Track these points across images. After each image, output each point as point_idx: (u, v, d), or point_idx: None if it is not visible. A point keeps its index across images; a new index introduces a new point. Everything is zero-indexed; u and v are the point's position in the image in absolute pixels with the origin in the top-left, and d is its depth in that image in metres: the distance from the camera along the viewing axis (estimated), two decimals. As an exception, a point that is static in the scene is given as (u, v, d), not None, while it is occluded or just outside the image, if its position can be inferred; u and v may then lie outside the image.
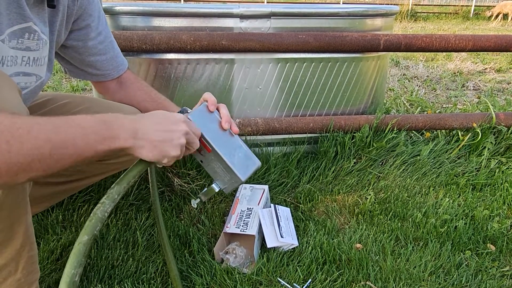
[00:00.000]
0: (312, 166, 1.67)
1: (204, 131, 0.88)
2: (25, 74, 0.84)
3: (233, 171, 0.91)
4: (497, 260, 1.21)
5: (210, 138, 0.89)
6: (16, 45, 0.78)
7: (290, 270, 1.10)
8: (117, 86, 1.14)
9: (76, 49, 1.01)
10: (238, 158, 0.94)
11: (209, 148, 0.90)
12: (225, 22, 1.57)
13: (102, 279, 1.06)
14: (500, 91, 3.55)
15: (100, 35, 1.03)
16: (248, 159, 0.96)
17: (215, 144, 0.90)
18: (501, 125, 1.88)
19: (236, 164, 0.92)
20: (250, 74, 1.63)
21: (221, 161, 0.91)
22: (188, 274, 1.09)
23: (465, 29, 8.88)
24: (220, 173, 0.94)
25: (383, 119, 1.76)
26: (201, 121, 0.90)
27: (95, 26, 1.00)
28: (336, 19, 1.66)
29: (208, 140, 0.89)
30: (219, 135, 0.92)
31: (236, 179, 0.92)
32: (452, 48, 1.71)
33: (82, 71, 1.07)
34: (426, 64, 4.49)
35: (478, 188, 1.63)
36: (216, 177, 0.96)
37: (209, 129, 0.90)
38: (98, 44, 1.03)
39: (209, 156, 0.92)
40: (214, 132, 0.91)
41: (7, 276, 0.75)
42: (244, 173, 0.93)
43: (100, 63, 1.06)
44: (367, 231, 1.30)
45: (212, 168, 0.95)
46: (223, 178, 0.94)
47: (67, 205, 1.35)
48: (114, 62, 1.09)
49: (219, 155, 0.90)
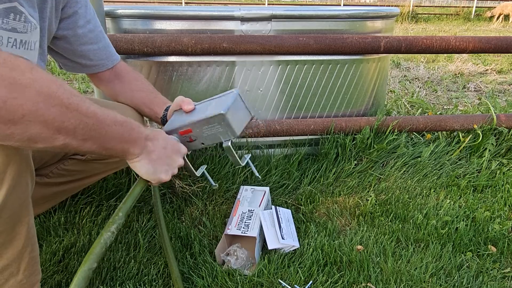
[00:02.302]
0: (313, 168, 1.68)
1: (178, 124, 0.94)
2: None
3: (211, 117, 0.89)
4: (498, 261, 1.21)
5: (183, 122, 0.94)
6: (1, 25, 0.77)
7: (291, 271, 1.10)
8: (113, 77, 1.14)
9: (67, 39, 1.00)
10: (212, 106, 0.93)
11: (188, 128, 0.93)
12: (226, 25, 1.58)
13: (104, 280, 1.07)
14: (501, 92, 3.55)
15: (89, 23, 1.02)
16: (222, 98, 0.94)
17: (187, 121, 0.93)
18: (502, 126, 1.88)
19: (210, 111, 0.91)
20: (251, 76, 1.64)
21: (200, 124, 0.91)
22: (189, 275, 1.10)
23: (466, 30, 8.88)
24: (214, 132, 0.93)
25: (384, 121, 1.77)
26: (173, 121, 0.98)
27: (82, 13, 1.00)
28: (337, 22, 1.67)
29: (183, 124, 0.93)
30: (189, 115, 0.96)
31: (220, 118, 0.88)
32: (452, 50, 1.71)
33: (76, 64, 1.07)
34: (427, 66, 4.49)
35: (479, 189, 1.63)
36: (219, 138, 0.94)
37: (180, 121, 0.95)
38: (88, 32, 1.02)
39: (196, 134, 0.94)
40: (184, 117, 0.96)
41: (9, 277, 0.76)
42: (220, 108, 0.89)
43: (92, 53, 1.05)
44: (368, 232, 1.30)
45: (209, 137, 0.94)
46: (218, 131, 0.92)
47: (69, 207, 1.35)
48: (107, 52, 1.09)
49: (195, 122, 0.91)
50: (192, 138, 0.95)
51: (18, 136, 0.58)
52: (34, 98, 0.56)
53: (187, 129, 0.93)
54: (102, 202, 1.39)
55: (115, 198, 1.41)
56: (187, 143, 0.96)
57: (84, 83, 3.41)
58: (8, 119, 0.55)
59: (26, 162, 0.70)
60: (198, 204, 1.44)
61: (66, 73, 3.68)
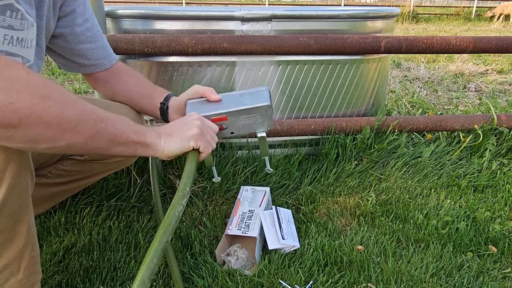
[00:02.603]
0: (314, 168, 1.68)
1: (208, 112, 0.94)
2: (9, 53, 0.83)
3: (255, 107, 0.94)
4: (499, 261, 1.21)
5: (216, 110, 0.94)
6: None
7: (292, 272, 1.10)
8: (110, 77, 1.14)
9: (64, 37, 1.00)
10: (248, 98, 0.96)
11: (224, 116, 0.94)
12: (226, 25, 1.58)
13: (105, 281, 1.07)
14: (501, 92, 3.55)
15: (87, 22, 1.02)
16: (256, 92, 0.98)
17: (224, 109, 0.94)
18: (502, 126, 1.88)
19: (251, 102, 0.95)
20: (251, 76, 1.64)
21: (240, 113, 0.94)
22: (190, 276, 1.10)
23: (466, 30, 8.88)
24: (251, 122, 0.97)
25: (384, 121, 1.77)
26: (198, 108, 0.96)
27: (80, 11, 1.00)
28: (337, 22, 1.67)
29: (217, 112, 0.93)
30: (221, 104, 0.97)
31: (263, 109, 0.94)
32: (453, 50, 1.71)
33: (74, 63, 1.06)
34: (428, 66, 4.49)
35: (479, 189, 1.63)
36: (253, 128, 0.98)
37: (209, 108, 0.95)
38: (86, 30, 1.02)
39: (231, 122, 0.96)
40: (214, 106, 0.96)
41: (10, 276, 0.76)
42: (263, 99, 0.95)
43: (90, 52, 1.05)
44: (368, 232, 1.30)
45: (243, 127, 0.97)
46: (256, 121, 0.97)
47: (70, 208, 1.35)
48: (105, 51, 1.09)
49: (234, 111, 0.94)
50: (223, 126, 0.96)
51: (19, 138, 0.59)
52: (30, 101, 0.58)
53: (222, 116, 0.94)
54: (103, 202, 1.39)
55: (115, 198, 1.41)
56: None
57: (84, 83, 3.41)
58: (6, 123, 0.56)
59: (26, 161, 0.70)
60: (198, 204, 1.44)
61: (67, 73, 3.68)
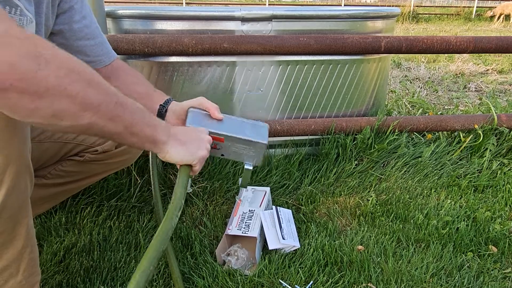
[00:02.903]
0: (314, 168, 1.68)
1: (209, 128, 0.93)
2: None
3: (254, 141, 0.96)
4: (499, 261, 1.21)
5: (217, 129, 0.95)
6: None
7: (292, 272, 1.10)
8: (110, 74, 1.13)
9: (63, 34, 1.00)
10: (249, 130, 0.98)
11: (222, 137, 0.95)
12: (226, 25, 1.58)
13: (105, 281, 1.07)
14: (502, 92, 3.55)
15: (85, 19, 1.02)
16: (256, 126, 1.01)
17: (224, 132, 0.95)
18: (502, 126, 1.88)
19: (251, 135, 0.97)
20: (251, 76, 1.64)
21: (238, 141, 0.96)
22: (190, 276, 1.10)
23: (467, 30, 8.87)
24: (244, 152, 0.99)
25: (384, 121, 1.77)
26: (199, 121, 0.96)
27: (78, 8, 1.00)
28: (337, 22, 1.67)
29: (217, 132, 0.94)
30: (221, 124, 0.97)
31: (260, 146, 0.97)
32: (453, 50, 1.71)
33: None
34: (428, 66, 4.49)
35: (480, 189, 1.63)
36: (242, 158, 1.00)
37: (210, 125, 0.95)
38: (84, 27, 1.02)
39: (225, 145, 0.97)
40: (215, 124, 0.96)
41: (9, 278, 0.76)
42: (263, 137, 0.97)
43: (89, 49, 1.05)
44: (368, 232, 1.30)
45: (234, 153, 0.99)
46: (248, 154, 0.99)
47: (70, 208, 1.36)
48: (104, 48, 1.09)
49: (234, 137, 0.95)
50: (217, 146, 0.97)
51: (43, 111, 0.58)
52: (57, 71, 0.57)
53: (221, 137, 0.95)
54: (103, 202, 1.39)
55: (116, 198, 1.41)
56: None
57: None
58: (34, 90, 0.55)
59: (25, 163, 0.70)
60: (198, 204, 1.44)
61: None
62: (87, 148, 1.09)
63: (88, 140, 1.09)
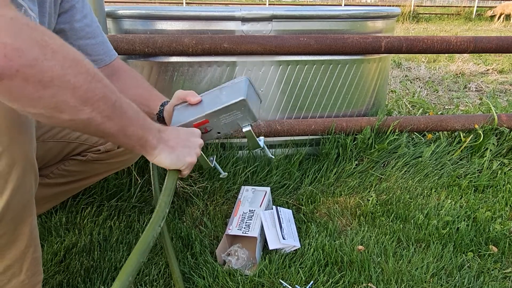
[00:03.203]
0: (314, 168, 1.68)
1: (190, 117, 0.93)
2: None
3: (232, 104, 0.91)
4: (499, 261, 1.21)
5: (197, 114, 0.93)
6: None
7: (292, 272, 1.11)
8: (110, 74, 1.14)
9: (64, 33, 1.00)
10: (225, 95, 0.94)
11: (204, 119, 0.93)
12: (227, 25, 1.58)
13: (105, 281, 1.07)
14: (502, 92, 3.55)
15: (86, 18, 1.03)
16: (234, 85, 0.96)
17: (202, 113, 0.93)
18: (503, 126, 1.88)
19: (227, 99, 0.92)
20: (252, 76, 1.64)
21: (219, 112, 0.93)
22: (190, 276, 1.10)
23: (467, 30, 8.87)
24: (233, 118, 0.95)
25: (384, 121, 1.77)
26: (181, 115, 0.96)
27: (79, 7, 1.00)
28: (338, 22, 1.67)
29: (197, 116, 0.93)
30: (201, 106, 0.95)
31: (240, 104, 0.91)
32: (453, 50, 1.71)
33: None
34: (428, 66, 4.49)
35: (480, 189, 1.63)
36: (237, 124, 0.97)
37: (191, 113, 0.95)
38: (85, 26, 1.02)
39: (213, 123, 0.95)
40: (195, 109, 0.95)
41: (12, 277, 0.76)
42: (239, 94, 0.92)
43: (90, 48, 1.05)
44: (369, 232, 1.30)
45: (226, 125, 0.96)
46: (238, 117, 0.95)
47: (70, 208, 1.36)
48: (104, 47, 1.09)
49: (213, 112, 0.92)
50: (207, 129, 0.96)
51: (46, 101, 0.58)
52: (62, 62, 0.58)
53: (203, 120, 0.94)
54: (103, 202, 1.40)
55: (116, 198, 1.41)
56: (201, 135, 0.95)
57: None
58: (39, 79, 0.55)
59: (31, 163, 0.71)
60: (199, 204, 1.44)
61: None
62: (90, 147, 1.10)
63: (90, 139, 1.09)
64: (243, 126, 0.97)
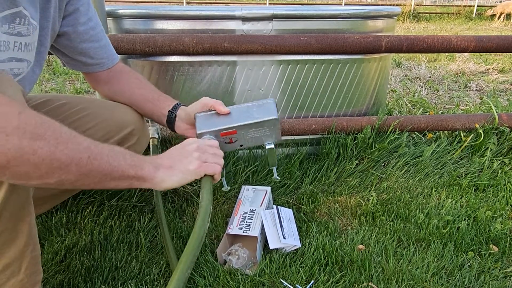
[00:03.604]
0: (314, 167, 1.68)
1: (219, 126, 0.97)
2: (18, 60, 0.84)
3: (264, 121, 0.98)
4: (500, 261, 1.21)
5: (227, 124, 0.96)
6: (8, 30, 0.78)
7: (293, 271, 1.11)
8: (111, 77, 1.13)
9: (67, 36, 1.00)
10: (256, 112, 0.99)
11: (233, 130, 0.97)
12: (227, 25, 1.58)
13: (106, 280, 1.07)
14: (502, 91, 3.54)
15: (90, 21, 1.02)
16: (263, 104, 1.02)
17: (233, 123, 0.97)
18: (503, 125, 1.88)
19: (260, 115, 0.98)
20: (252, 76, 1.64)
21: (250, 126, 0.98)
22: (191, 275, 1.10)
23: (467, 30, 8.87)
24: (260, 135, 1.01)
25: (385, 120, 1.77)
26: (207, 122, 0.98)
27: (84, 10, 1.00)
28: (338, 21, 1.67)
29: (227, 126, 0.97)
30: (230, 117, 0.99)
31: (272, 122, 0.98)
32: (454, 49, 1.71)
33: (77, 62, 1.07)
34: (429, 65, 4.49)
35: (480, 189, 1.63)
36: (261, 140, 1.02)
37: (219, 122, 0.97)
38: (89, 29, 1.02)
39: (240, 135, 0.99)
40: (224, 119, 0.98)
41: (10, 276, 0.76)
42: (272, 113, 0.99)
43: (93, 51, 1.05)
44: (369, 232, 1.30)
45: (252, 139, 1.01)
46: (265, 134, 1.01)
47: (71, 207, 1.36)
48: (107, 50, 1.09)
49: (245, 125, 0.97)
50: (232, 140, 0.99)
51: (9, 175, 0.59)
52: (18, 144, 0.57)
53: (232, 130, 0.97)
54: (104, 202, 1.40)
55: (116, 198, 1.41)
56: (224, 144, 0.99)
57: (85, 83, 3.41)
58: None
59: None
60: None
61: (68, 73, 3.69)
62: None
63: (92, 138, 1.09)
64: (267, 143, 1.03)
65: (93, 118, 1.10)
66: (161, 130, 1.59)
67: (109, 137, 1.10)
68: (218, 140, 0.98)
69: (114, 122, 1.11)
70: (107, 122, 1.10)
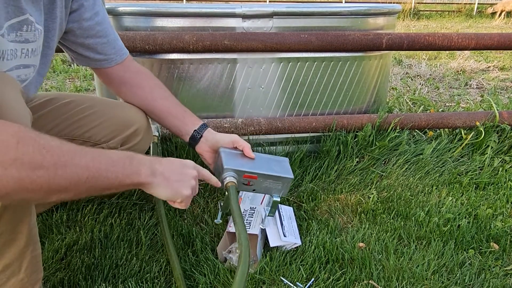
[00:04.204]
0: (315, 165, 1.67)
1: (244, 167, 1.03)
2: (25, 66, 0.84)
3: (283, 177, 1.07)
4: (501, 259, 1.21)
5: (251, 168, 1.04)
6: (15, 38, 0.78)
7: (293, 269, 1.11)
8: (128, 78, 1.12)
9: (73, 32, 0.99)
10: (276, 166, 1.09)
11: (255, 175, 1.04)
12: (227, 22, 1.57)
13: (106, 278, 1.07)
14: (503, 89, 3.54)
15: (97, 16, 1.00)
16: (281, 161, 1.13)
17: (257, 170, 1.04)
18: (504, 123, 1.88)
19: (281, 171, 1.08)
20: (252, 73, 1.64)
21: (270, 177, 1.06)
22: (191, 273, 1.10)
23: (468, 27, 8.85)
24: (273, 187, 1.09)
25: (385, 118, 1.76)
26: (234, 160, 1.04)
27: (89, 6, 0.98)
28: (339, 18, 1.66)
29: (251, 171, 1.04)
30: (254, 163, 1.07)
31: (288, 180, 1.09)
32: (454, 47, 1.71)
33: (85, 58, 1.05)
34: (429, 63, 4.48)
35: (481, 187, 1.62)
36: (271, 191, 1.11)
37: (245, 164, 1.05)
38: (95, 25, 1.00)
39: (258, 182, 1.07)
40: (249, 163, 1.06)
41: (11, 276, 0.76)
42: (290, 172, 1.10)
43: (100, 47, 1.04)
44: (370, 230, 1.30)
45: (265, 188, 1.10)
46: (277, 188, 1.10)
47: (71, 205, 1.36)
48: (116, 45, 1.07)
49: (266, 175, 1.05)
50: (250, 183, 1.06)
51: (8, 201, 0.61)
52: (16, 176, 0.57)
53: (254, 175, 1.04)
54: (104, 200, 1.40)
55: (117, 196, 1.41)
56: (241, 185, 1.06)
57: (86, 81, 3.41)
58: None
59: None
60: (199, 201, 1.44)
61: (68, 70, 3.68)
62: (94, 145, 1.09)
63: (94, 137, 1.09)
64: (274, 195, 1.12)
65: (99, 116, 1.09)
66: (161, 129, 1.59)
67: (114, 135, 1.10)
68: (237, 179, 1.03)
69: (119, 120, 1.11)
70: (112, 121, 1.10)
